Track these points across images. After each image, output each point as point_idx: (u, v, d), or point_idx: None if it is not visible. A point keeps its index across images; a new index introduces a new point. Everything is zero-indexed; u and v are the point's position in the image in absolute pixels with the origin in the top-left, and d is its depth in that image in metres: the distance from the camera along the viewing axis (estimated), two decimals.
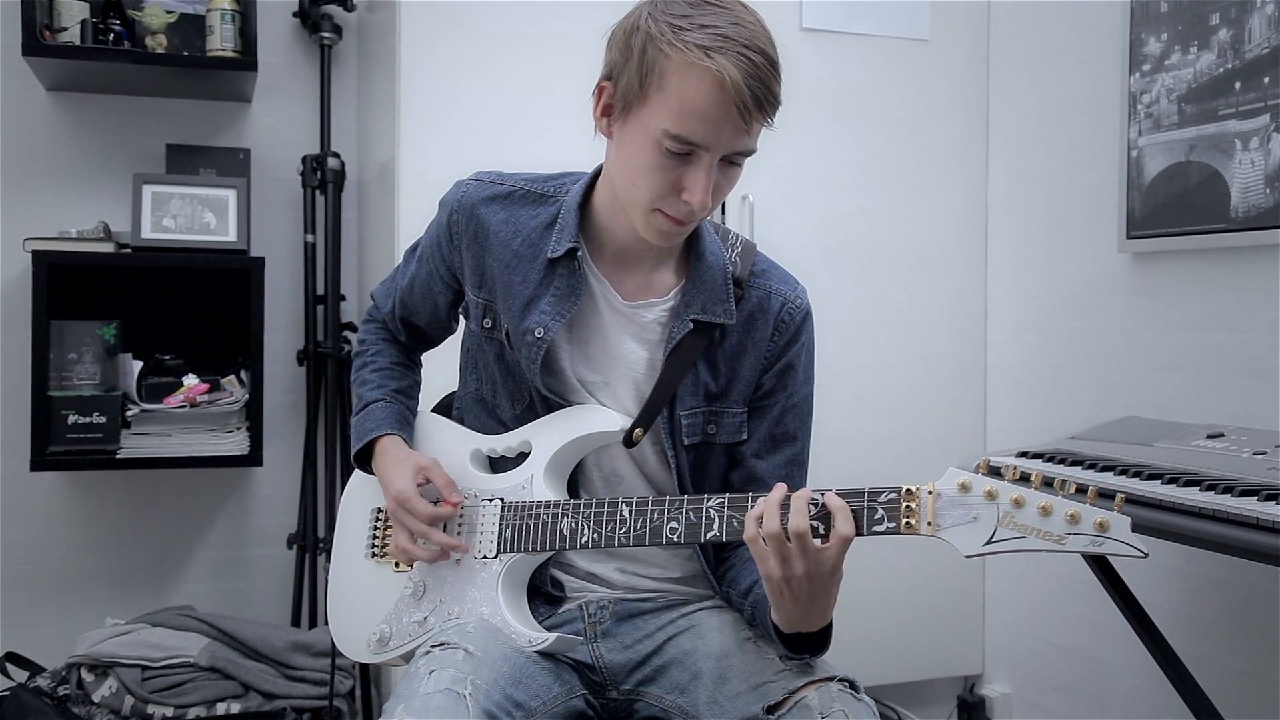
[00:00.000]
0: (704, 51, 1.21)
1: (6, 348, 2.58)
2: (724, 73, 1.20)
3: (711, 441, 1.44)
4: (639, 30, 1.27)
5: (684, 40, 1.22)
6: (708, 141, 1.25)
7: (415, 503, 1.40)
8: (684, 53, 1.22)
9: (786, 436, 1.47)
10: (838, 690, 1.26)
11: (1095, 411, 2.36)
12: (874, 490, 1.20)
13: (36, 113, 2.65)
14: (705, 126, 1.23)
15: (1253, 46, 2.03)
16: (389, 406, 1.54)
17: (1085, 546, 1.09)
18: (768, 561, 1.19)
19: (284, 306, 2.78)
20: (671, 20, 1.24)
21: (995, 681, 2.80)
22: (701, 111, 1.23)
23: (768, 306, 1.45)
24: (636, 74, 1.26)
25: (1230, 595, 2.15)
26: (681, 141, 1.24)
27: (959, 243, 2.76)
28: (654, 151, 1.26)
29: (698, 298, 1.41)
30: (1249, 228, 2.04)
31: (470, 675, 1.23)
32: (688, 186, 1.27)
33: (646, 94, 1.26)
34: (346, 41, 2.84)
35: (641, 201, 1.31)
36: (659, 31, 1.24)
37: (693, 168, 1.26)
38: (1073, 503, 1.10)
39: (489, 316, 1.46)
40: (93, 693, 2.25)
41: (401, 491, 1.41)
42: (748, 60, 1.21)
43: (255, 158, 2.76)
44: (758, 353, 1.44)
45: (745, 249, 1.48)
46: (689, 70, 1.22)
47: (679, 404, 1.42)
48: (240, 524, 2.82)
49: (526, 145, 2.12)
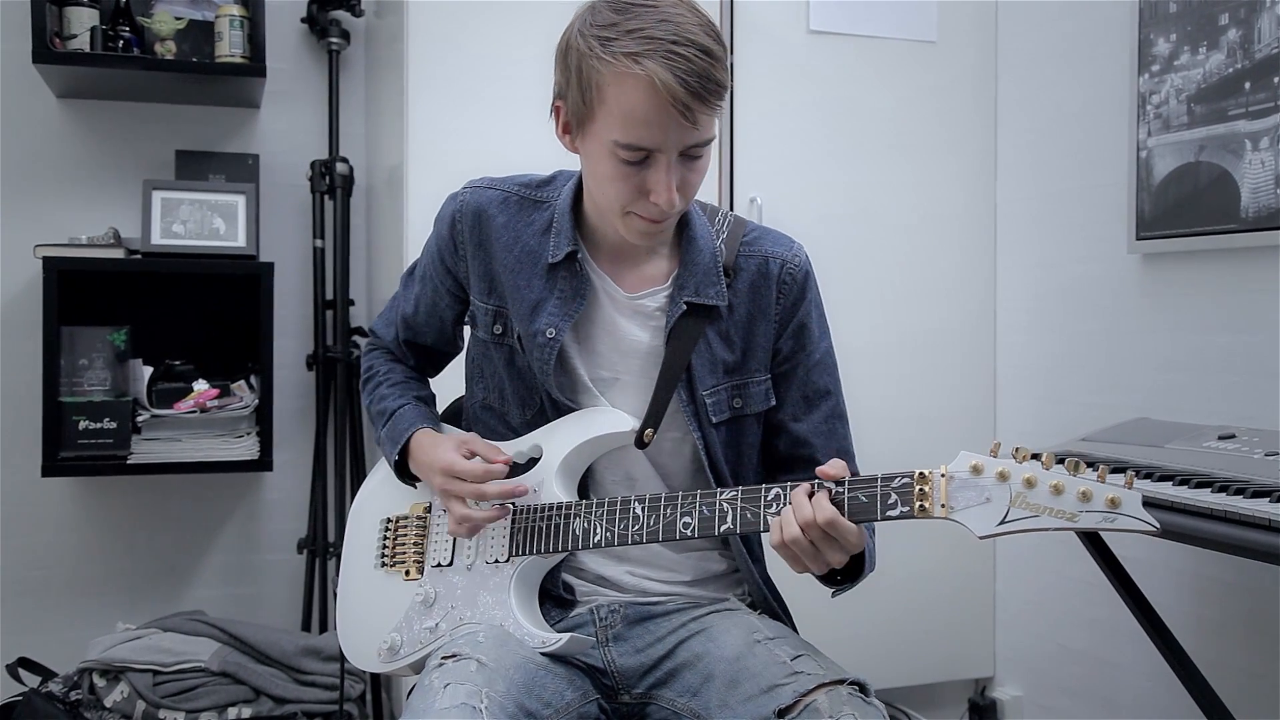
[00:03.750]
0: (632, 59, 1.23)
1: (18, 354, 2.59)
2: (654, 76, 1.22)
3: (742, 414, 1.46)
4: (573, 48, 1.30)
5: (611, 51, 1.24)
6: (657, 144, 1.27)
7: (463, 465, 1.40)
8: (613, 64, 1.24)
9: (819, 393, 1.50)
10: (848, 694, 1.26)
11: (1105, 413, 2.35)
12: (887, 476, 1.21)
13: (47, 120, 2.66)
14: (650, 131, 1.26)
15: (1262, 46, 2.03)
16: (415, 408, 1.54)
17: (1098, 523, 1.10)
18: (801, 560, 1.25)
19: (293, 312, 2.79)
20: (599, 33, 1.26)
21: (1006, 684, 2.79)
22: (643, 117, 1.25)
23: (768, 271, 1.46)
24: (579, 91, 1.29)
25: (1241, 597, 2.14)
26: (632, 149, 1.27)
27: (968, 244, 2.76)
28: (611, 161, 1.29)
29: (690, 281, 1.43)
30: (1259, 228, 2.04)
31: (484, 688, 1.23)
32: (652, 189, 1.29)
33: (592, 109, 1.29)
34: (354, 47, 2.85)
35: (614, 208, 1.34)
36: (588, 47, 1.27)
37: (652, 170, 1.29)
38: (1084, 481, 1.10)
39: (499, 322, 1.47)
40: (104, 698, 2.25)
41: (448, 462, 1.40)
42: (678, 56, 1.22)
43: (264, 163, 2.77)
44: (767, 318, 1.46)
45: (735, 224, 1.49)
46: (622, 80, 1.24)
47: (699, 385, 1.43)
48: (250, 529, 2.82)
49: (534, 149, 2.10)
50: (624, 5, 1.27)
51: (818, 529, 1.21)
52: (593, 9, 1.30)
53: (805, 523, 1.21)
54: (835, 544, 1.23)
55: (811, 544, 1.22)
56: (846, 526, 1.21)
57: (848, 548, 1.23)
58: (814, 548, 1.23)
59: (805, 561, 1.25)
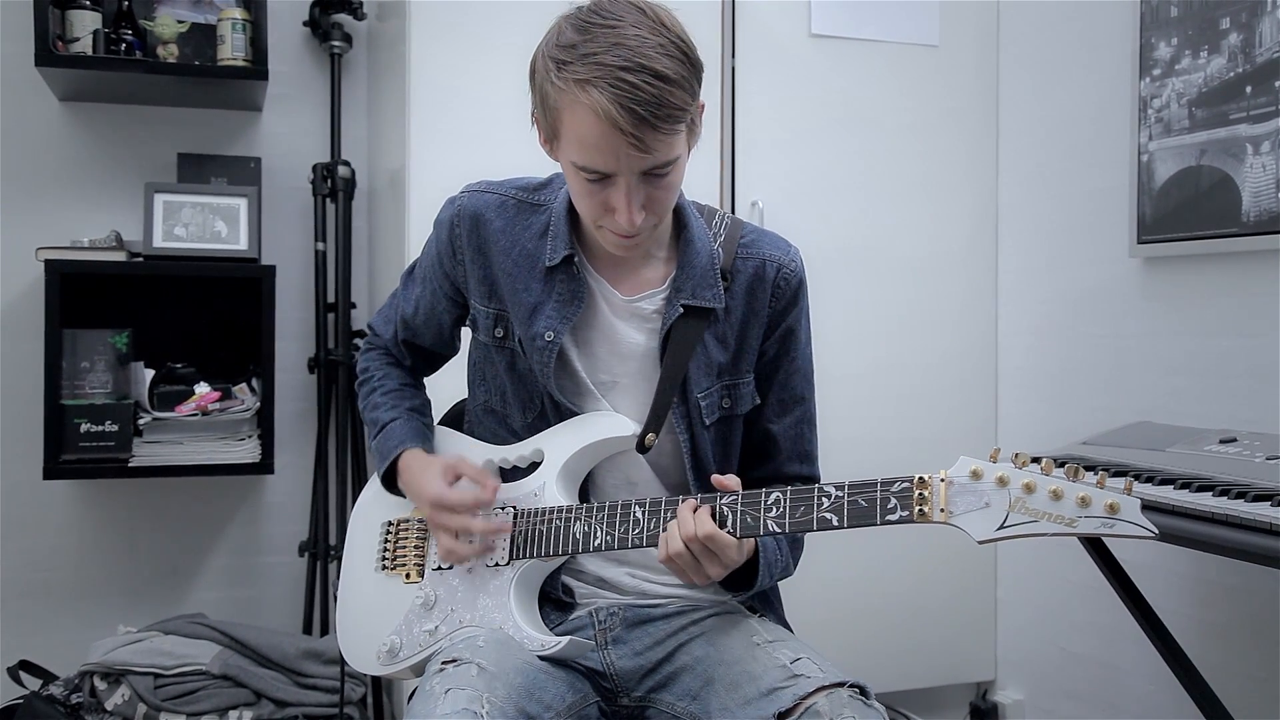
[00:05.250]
0: (581, 86, 1.23)
1: (19, 357, 2.59)
2: (597, 105, 1.22)
3: (731, 415, 1.48)
4: (537, 69, 1.32)
5: (564, 77, 1.25)
6: (610, 168, 1.28)
7: (452, 496, 1.40)
8: (564, 90, 1.25)
9: (795, 398, 1.52)
10: (848, 697, 1.26)
11: (1107, 416, 2.36)
12: (887, 480, 1.22)
13: (49, 123, 2.67)
14: (602, 155, 1.26)
15: (1263, 50, 2.03)
16: (407, 424, 1.54)
17: (1096, 529, 1.10)
18: (685, 572, 1.30)
19: (295, 314, 2.79)
20: (557, 54, 1.27)
21: (1008, 687, 2.79)
22: (594, 143, 1.26)
23: (764, 274, 1.48)
24: (542, 111, 1.32)
25: (1243, 600, 2.14)
26: (590, 171, 1.29)
27: (969, 248, 2.76)
28: (577, 179, 1.32)
29: (687, 284, 1.43)
30: (1260, 232, 2.04)
31: (485, 693, 1.23)
32: (614, 207, 1.31)
33: (555, 129, 1.31)
34: (356, 50, 2.85)
35: (589, 221, 1.37)
36: (546, 70, 1.28)
37: (613, 190, 1.30)
38: (1083, 486, 1.11)
39: (500, 326, 1.47)
40: (105, 700, 2.26)
41: (436, 494, 1.41)
42: (625, 85, 1.21)
43: (266, 166, 2.77)
44: (759, 319, 1.47)
45: (732, 226, 1.50)
46: (573, 107, 1.25)
47: (694, 386, 1.44)
48: (251, 531, 2.83)
49: (535, 152, 2.10)
50: (585, 24, 1.26)
51: (698, 543, 1.26)
52: (559, 27, 1.30)
53: (687, 537, 1.27)
54: (715, 558, 1.28)
55: (694, 557, 1.28)
56: (726, 541, 1.27)
57: (726, 562, 1.29)
58: (695, 561, 1.28)
59: (688, 573, 1.30)
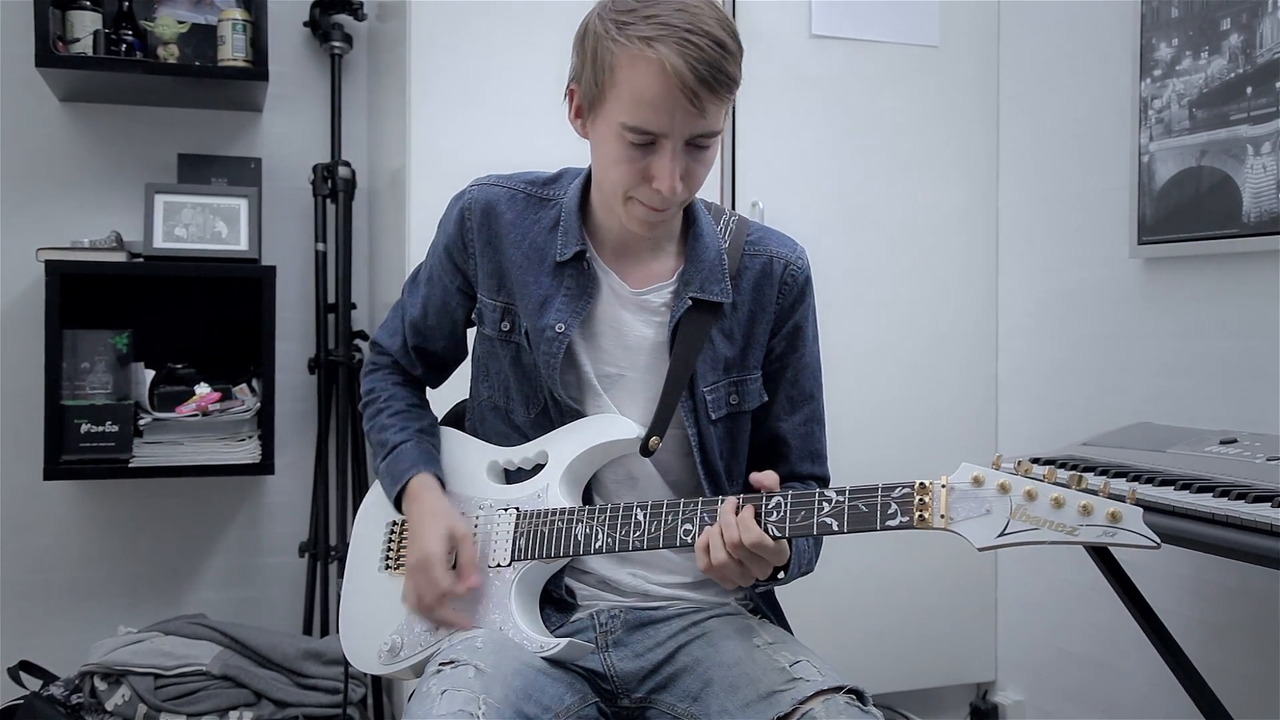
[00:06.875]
0: (645, 42, 1.26)
1: (20, 357, 2.59)
2: (665, 60, 1.25)
3: (738, 411, 1.48)
4: (590, 31, 1.33)
5: (627, 34, 1.27)
6: (663, 129, 1.29)
7: (437, 572, 1.39)
8: (627, 46, 1.27)
9: (804, 396, 1.53)
10: (844, 703, 1.26)
11: (1107, 417, 2.35)
12: (887, 486, 1.22)
13: (49, 123, 2.66)
14: (658, 114, 1.28)
15: (1264, 51, 2.03)
16: (417, 447, 1.53)
17: (1097, 537, 1.10)
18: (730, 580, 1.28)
19: (295, 315, 2.79)
20: (617, 17, 1.29)
21: (1008, 688, 2.79)
22: (651, 100, 1.27)
23: (771, 270, 1.49)
24: (592, 73, 1.32)
25: (1243, 601, 2.14)
26: (639, 132, 1.29)
27: (970, 249, 2.76)
28: (619, 144, 1.31)
29: (696, 277, 1.44)
30: (1261, 233, 2.04)
31: (481, 694, 1.23)
32: (656, 174, 1.31)
33: (603, 91, 1.31)
34: (357, 51, 2.85)
35: (618, 193, 1.36)
36: (605, 30, 1.30)
37: (657, 156, 1.31)
38: (1085, 495, 1.11)
39: (507, 319, 1.47)
40: (105, 701, 2.26)
41: (430, 555, 1.40)
42: (691, 45, 1.25)
43: (266, 167, 2.77)
44: (766, 315, 1.48)
45: (739, 224, 1.51)
46: (634, 62, 1.27)
47: (700, 381, 1.44)
48: (252, 532, 2.82)
49: (536, 152, 2.11)
50: None
51: (745, 550, 1.25)
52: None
53: (733, 544, 1.25)
54: (761, 561, 1.27)
55: (739, 564, 1.26)
56: (775, 547, 1.26)
57: (773, 561, 1.28)
58: (741, 567, 1.27)
59: (734, 580, 1.28)
